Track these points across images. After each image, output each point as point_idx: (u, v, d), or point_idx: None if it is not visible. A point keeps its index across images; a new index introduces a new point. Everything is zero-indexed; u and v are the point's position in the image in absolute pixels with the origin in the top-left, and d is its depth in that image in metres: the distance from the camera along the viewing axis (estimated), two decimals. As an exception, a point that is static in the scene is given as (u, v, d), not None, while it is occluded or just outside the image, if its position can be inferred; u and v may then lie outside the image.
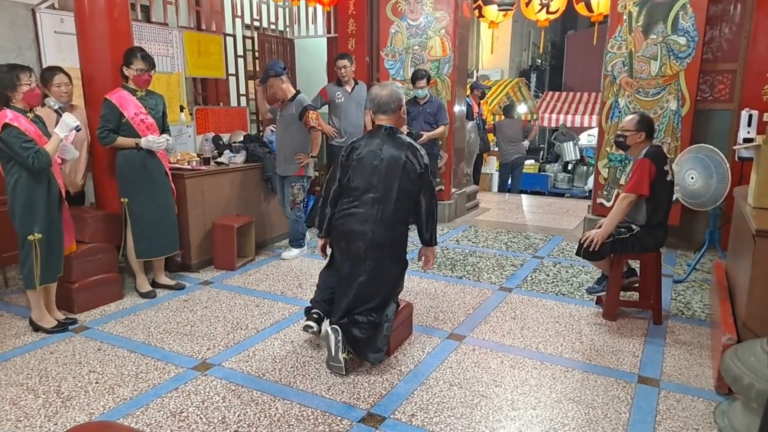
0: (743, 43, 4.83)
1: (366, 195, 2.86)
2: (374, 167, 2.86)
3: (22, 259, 3.19)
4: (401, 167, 2.85)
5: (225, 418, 2.45)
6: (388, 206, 2.85)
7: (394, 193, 2.85)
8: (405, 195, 2.87)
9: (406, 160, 2.85)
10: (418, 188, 2.90)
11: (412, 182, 2.87)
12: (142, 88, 3.75)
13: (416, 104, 5.74)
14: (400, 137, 2.94)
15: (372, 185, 2.85)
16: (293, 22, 7.12)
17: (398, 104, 2.95)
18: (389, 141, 2.90)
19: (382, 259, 2.89)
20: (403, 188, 2.86)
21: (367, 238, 2.85)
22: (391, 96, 2.93)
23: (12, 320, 3.51)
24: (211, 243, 4.57)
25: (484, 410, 2.53)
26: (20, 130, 3.01)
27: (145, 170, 3.78)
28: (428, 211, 2.95)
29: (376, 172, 2.86)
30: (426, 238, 3.01)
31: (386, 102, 2.93)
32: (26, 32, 4.38)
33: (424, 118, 5.72)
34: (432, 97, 5.78)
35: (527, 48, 17.38)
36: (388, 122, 2.96)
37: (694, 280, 4.34)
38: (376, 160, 2.86)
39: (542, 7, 6.80)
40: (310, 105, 4.58)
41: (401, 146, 2.89)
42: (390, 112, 2.95)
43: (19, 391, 2.67)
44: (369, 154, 2.88)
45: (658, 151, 3.35)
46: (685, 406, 2.58)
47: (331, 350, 2.80)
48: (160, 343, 3.20)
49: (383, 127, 2.95)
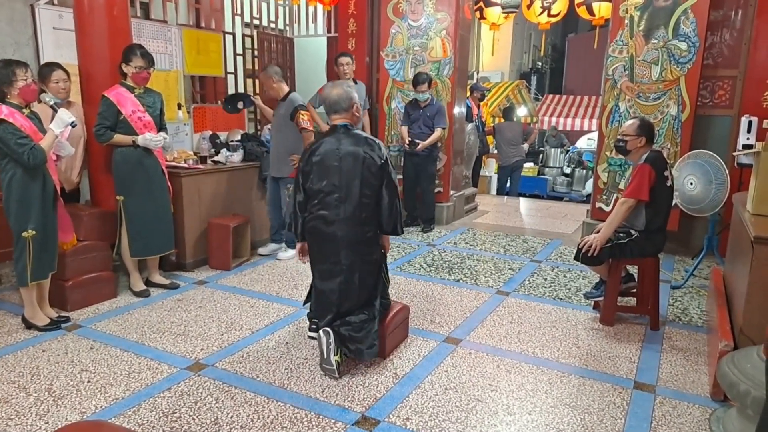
0: (744, 50, 4.83)
1: (330, 196, 2.85)
2: (335, 167, 2.85)
3: (17, 256, 3.17)
4: (360, 163, 2.84)
5: (218, 419, 2.43)
6: (352, 204, 2.84)
7: (356, 189, 2.84)
8: (368, 190, 2.86)
9: (365, 155, 2.84)
10: (379, 182, 2.89)
11: (374, 176, 2.86)
12: (140, 85, 3.73)
13: (417, 107, 5.73)
14: (357, 134, 2.94)
15: (334, 185, 2.84)
16: (293, 21, 7.10)
17: (349, 102, 2.95)
18: (346, 139, 2.89)
19: (354, 257, 2.89)
20: (366, 183, 2.85)
21: (336, 239, 2.86)
22: (340, 96, 2.93)
23: (4, 317, 3.48)
24: (207, 242, 4.55)
25: (480, 414, 2.51)
26: (15, 126, 2.99)
27: (142, 168, 3.75)
28: (390, 205, 2.92)
29: (337, 171, 2.84)
30: (388, 230, 2.98)
31: (336, 101, 2.93)
32: (24, 28, 4.35)
33: (423, 121, 5.72)
34: (433, 101, 5.77)
35: (528, 50, 17.38)
36: (342, 120, 2.95)
37: (691, 286, 4.33)
38: (335, 159, 2.85)
39: (544, 10, 6.80)
40: (301, 105, 4.50)
41: (358, 142, 2.88)
42: (342, 111, 2.94)
43: (11, 389, 2.65)
44: (328, 155, 2.87)
45: (659, 157, 3.34)
46: (680, 412, 2.57)
47: (323, 353, 2.79)
48: (154, 342, 3.18)
49: (338, 125, 2.94)
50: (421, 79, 5.57)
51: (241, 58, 6.28)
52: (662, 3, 4.83)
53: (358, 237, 2.88)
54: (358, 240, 2.89)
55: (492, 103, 11.96)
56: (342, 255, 2.87)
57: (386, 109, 6.33)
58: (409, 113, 5.82)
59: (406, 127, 5.83)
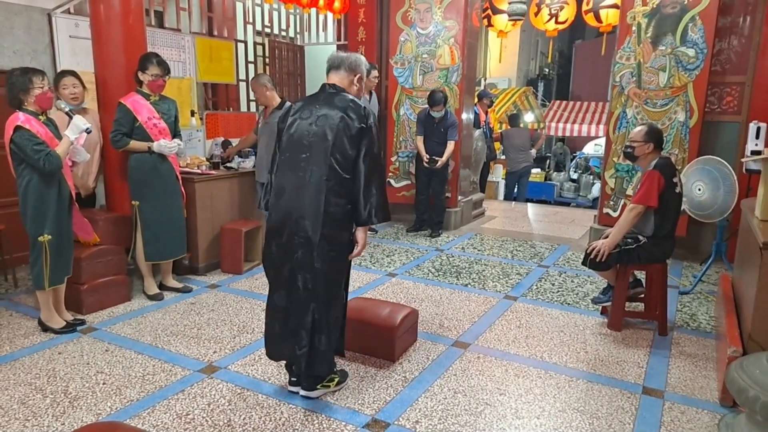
0: (752, 56, 4.84)
1: (297, 155, 2.50)
2: (308, 126, 2.51)
3: (33, 260, 3.23)
4: (336, 123, 2.45)
5: (231, 421, 2.47)
6: (321, 168, 2.44)
7: (326, 152, 2.44)
8: (341, 156, 2.45)
9: (344, 116, 2.46)
10: (357, 150, 2.47)
11: (350, 141, 2.45)
12: (156, 93, 3.80)
13: (431, 121, 5.75)
14: (344, 95, 2.56)
15: (303, 145, 2.49)
16: (304, 29, 7.19)
17: (352, 66, 2.60)
18: (329, 98, 2.54)
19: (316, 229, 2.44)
20: (338, 148, 2.44)
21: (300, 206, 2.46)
22: (349, 56, 2.62)
23: (21, 320, 3.54)
24: (219, 247, 4.60)
25: (488, 418, 2.54)
26: (32, 132, 3.05)
27: (157, 174, 3.82)
28: (367, 179, 2.47)
29: (309, 131, 2.50)
30: (363, 216, 2.50)
31: (340, 58, 2.61)
32: (41, 36, 4.45)
33: (437, 136, 5.76)
34: (447, 115, 5.75)
35: (535, 57, 17.41)
36: (334, 80, 2.61)
37: (699, 292, 4.33)
38: (311, 118, 2.51)
39: (551, 17, 6.84)
40: None
41: (341, 102, 2.51)
42: (340, 69, 2.60)
43: (28, 390, 2.70)
44: (304, 113, 2.54)
45: (667, 163, 3.36)
46: (689, 418, 2.58)
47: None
48: (167, 345, 3.23)
49: (326, 84, 2.62)
50: (437, 99, 5.57)
51: (252, 65, 6.37)
52: (670, 10, 4.85)
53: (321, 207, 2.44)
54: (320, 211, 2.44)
55: (499, 109, 11.99)
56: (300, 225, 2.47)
57: (395, 115, 6.38)
58: (424, 125, 5.84)
59: (421, 137, 5.84)
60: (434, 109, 5.64)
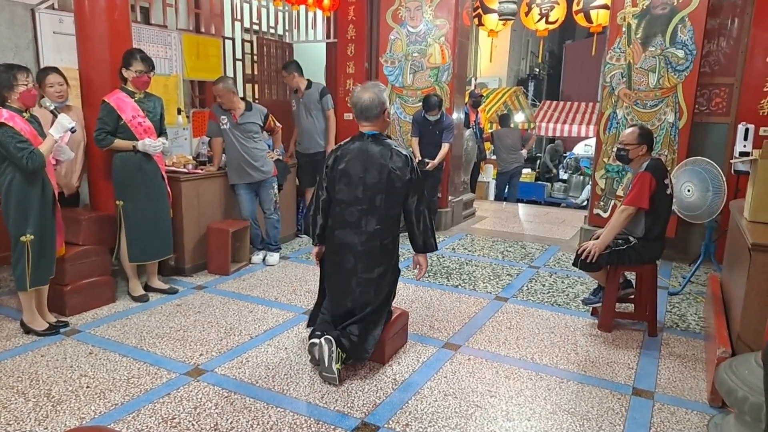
0: (740, 58, 4.87)
1: (352, 207, 2.80)
2: (359, 179, 2.77)
3: (15, 260, 3.17)
4: (386, 176, 2.75)
5: (217, 425, 2.43)
6: (375, 217, 2.79)
7: (380, 203, 2.78)
8: (391, 204, 2.80)
9: (392, 169, 2.75)
10: (405, 195, 2.82)
11: (398, 191, 2.79)
12: (141, 90, 3.73)
13: (427, 123, 5.70)
14: (385, 143, 2.81)
15: (357, 197, 2.78)
16: (293, 26, 7.12)
17: (381, 108, 2.78)
18: (373, 149, 2.77)
19: (372, 268, 2.86)
20: (389, 198, 2.78)
21: (356, 251, 2.83)
22: (372, 101, 2.75)
23: (3, 322, 3.47)
24: (206, 247, 4.54)
25: (479, 421, 2.51)
26: (15, 129, 2.99)
27: (142, 173, 3.76)
28: (418, 217, 2.86)
29: (361, 184, 2.77)
30: (419, 245, 2.94)
31: (368, 107, 2.76)
32: (25, 32, 4.35)
33: (433, 138, 5.72)
34: (444, 117, 5.71)
35: (525, 57, 17.47)
36: (370, 128, 2.82)
37: (689, 293, 4.34)
38: (360, 171, 2.77)
39: (542, 17, 6.84)
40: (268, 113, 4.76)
41: (386, 154, 2.76)
42: (373, 118, 2.79)
43: (9, 394, 2.64)
44: (353, 165, 2.78)
45: (659, 165, 3.36)
46: (679, 418, 2.58)
47: (324, 361, 2.77)
48: (153, 347, 3.17)
49: (365, 134, 2.82)
50: (433, 104, 5.52)
51: (240, 63, 6.30)
52: (660, 11, 4.87)
53: (377, 250, 2.85)
54: (376, 253, 2.85)
55: (489, 109, 12.00)
56: (359, 267, 2.85)
57: (385, 114, 6.34)
58: (419, 127, 5.79)
59: (416, 139, 5.79)
60: (429, 114, 5.60)
